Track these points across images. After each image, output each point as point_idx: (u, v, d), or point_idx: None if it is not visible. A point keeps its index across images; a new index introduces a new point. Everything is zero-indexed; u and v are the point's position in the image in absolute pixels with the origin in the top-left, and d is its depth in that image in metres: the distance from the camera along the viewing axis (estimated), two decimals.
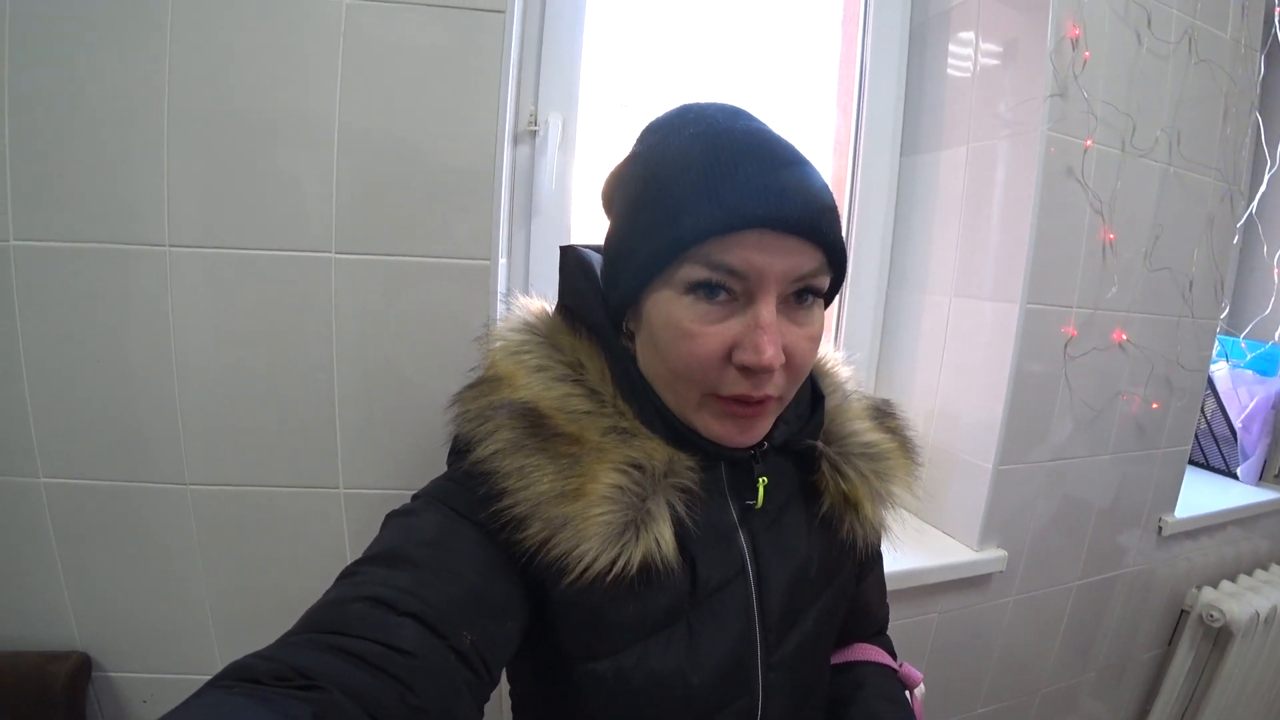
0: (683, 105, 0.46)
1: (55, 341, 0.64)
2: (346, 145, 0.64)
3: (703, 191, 0.38)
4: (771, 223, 0.38)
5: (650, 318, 0.42)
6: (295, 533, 0.70)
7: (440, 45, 0.64)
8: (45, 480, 0.66)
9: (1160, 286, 1.01)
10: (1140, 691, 1.29)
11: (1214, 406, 1.37)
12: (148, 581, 0.69)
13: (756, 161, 0.39)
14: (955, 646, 0.99)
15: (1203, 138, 1.01)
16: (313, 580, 0.68)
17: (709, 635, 0.44)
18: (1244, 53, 1.03)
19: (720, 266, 0.38)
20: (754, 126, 0.42)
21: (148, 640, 0.71)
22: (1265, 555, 1.34)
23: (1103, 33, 0.89)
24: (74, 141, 0.61)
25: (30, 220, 0.62)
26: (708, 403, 0.42)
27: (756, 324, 0.39)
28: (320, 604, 0.35)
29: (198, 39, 0.61)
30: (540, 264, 0.90)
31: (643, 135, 0.47)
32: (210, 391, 0.66)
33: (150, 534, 0.68)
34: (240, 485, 0.69)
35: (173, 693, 0.72)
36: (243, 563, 0.70)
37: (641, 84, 0.99)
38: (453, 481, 0.44)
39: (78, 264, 0.63)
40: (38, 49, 0.60)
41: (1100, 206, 0.92)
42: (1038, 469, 0.96)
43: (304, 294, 0.66)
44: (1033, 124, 0.87)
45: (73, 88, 0.60)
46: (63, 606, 0.69)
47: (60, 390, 0.65)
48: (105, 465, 0.67)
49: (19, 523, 0.66)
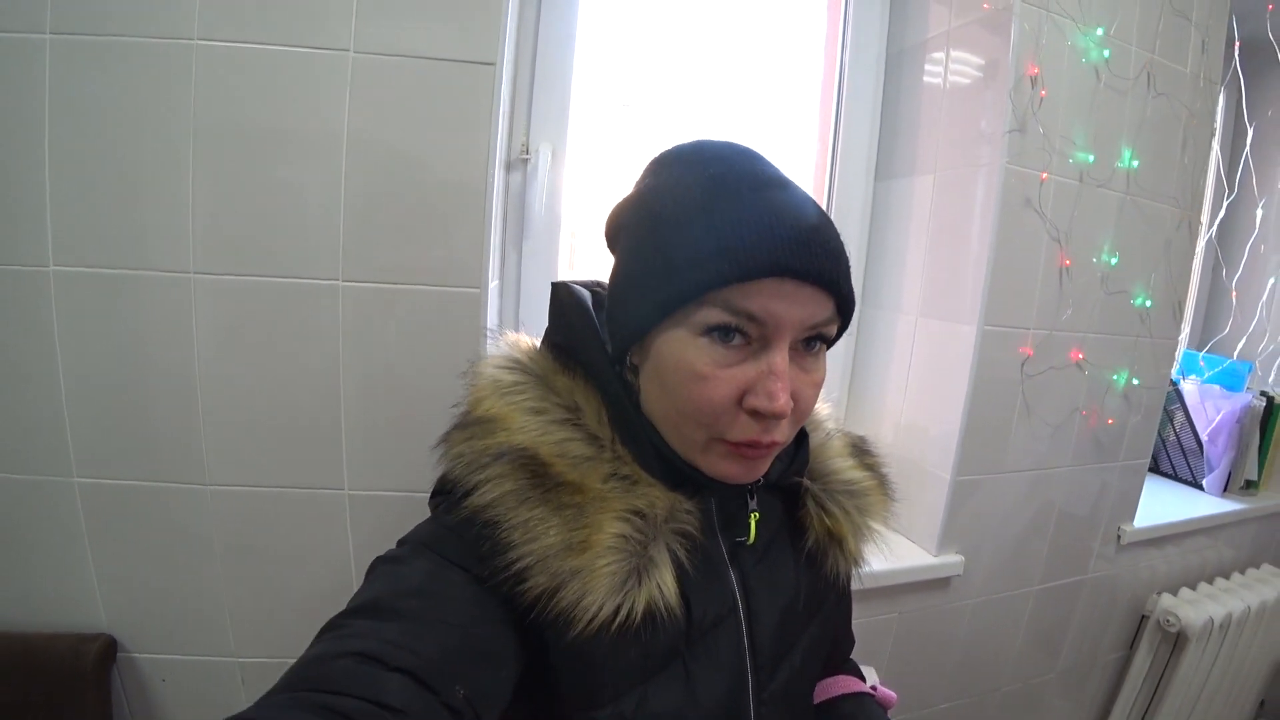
0: (696, 143, 0.45)
1: (89, 358, 0.71)
2: (351, 187, 0.71)
3: (726, 236, 0.37)
4: (794, 273, 0.38)
5: (660, 356, 0.41)
6: (303, 529, 0.77)
7: (438, 93, 0.70)
8: (79, 480, 0.73)
9: (1118, 309, 1.07)
10: (1104, 693, 1.34)
11: (1183, 420, 1.42)
12: (168, 572, 0.76)
13: (780, 209, 0.39)
14: (916, 645, 1.05)
15: (1161, 168, 1.07)
16: (318, 572, 0.76)
17: (704, 674, 0.44)
18: (1203, 86, 1.08)
19: (740, 312, 0.38)
20: (773, 173, 0.42)
21: (168, 625, 0.78)
22: (1228, 564, 1.39)
23: (1061, 70, 0.94)
24: (106, 177, 0.68)
25: (67, 248, 0.69)
26: (714, 446, 0.42)
27: (770, 370, 0.39)
28: (305, 660, 0.33)
29: (219, 123, 0.68)
30: (531, 284, 0.97)
31: (654, 169, 0.46)
32: (227, 402, 0.73)
33: (171, 529, 0.75)
34: (254, 486, 0.75)
35: (189, 673, 0.79)
36: (255, 556, 0.77)
37: (632, 106, 1.05)
38: (444, 528, 0.42)
39: (110, 288, 0.70)
40: (75, 95, 0.67)
41: (1058, 234, 0.98)
42: (995, 480, 1.02)
43: (313, 317, 0.72)
44: (993, 157, 0.93)
45: (107, 130, 0.67)
46: (92, 593, 0.76)
47: (93, 400, 0.72)
48: (132, 467, 0.73)
49: (55, 518, 0.73)
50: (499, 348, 0.49)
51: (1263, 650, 1.35)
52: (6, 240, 0.68)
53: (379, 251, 0.72)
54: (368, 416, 0.75)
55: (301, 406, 0.74)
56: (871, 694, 0.62)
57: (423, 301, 0.74)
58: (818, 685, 0.60)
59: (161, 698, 0.79)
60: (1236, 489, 1.40)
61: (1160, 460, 1.49)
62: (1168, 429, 1.45)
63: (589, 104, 1.00)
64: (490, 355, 0.49)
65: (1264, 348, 1.39)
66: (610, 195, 0.48)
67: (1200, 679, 1.25)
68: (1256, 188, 1.29)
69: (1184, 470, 1.44)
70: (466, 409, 0.46)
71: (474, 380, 0.48)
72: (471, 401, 0.46)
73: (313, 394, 0.74)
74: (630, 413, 0.44)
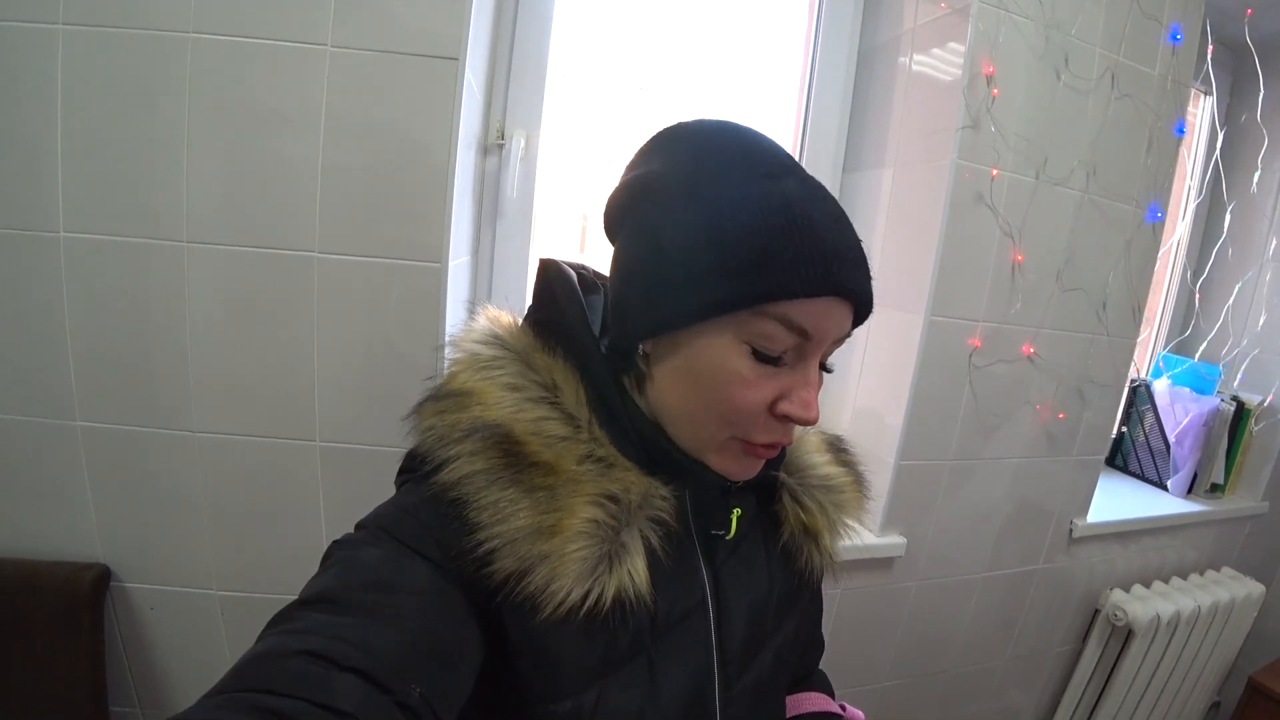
0: (725, 126, 0.44)
1: (93, 315, 0.78)
2: (328, 168, 0.77)
3: (793, 249, 0.36)
4: (854, 295, 0.39)
5: (697, 355, 0.40)
6: (279, 475, 0.84)
7: (407, 85, 0.76)
8: (81, 423, 0.81)
9: (1073, 305, 1.10)
10: (1056, 683, 1.37)
11: (1153, 421, 1.43)
12: (158, 510, 0.84)
13: (837, 225, 0.39)
14: (859, 622, 1.10)
15: (1124, 168, 1.09)
16: (290, 515, 0.84)
17: (668, 669, 0.43)
18: (1171, 88, 1.10)
19: (795, 327, 0.38)
20: (815, 181, 0.41)
21: (157, 558, 0.86)
22: (1188, 565, 1.41)
23: (1018, 69, 0.97)
24: (111, 154, 0.75)
25: (76, 217, 0.76)
26: (731, 444, 0.42)
27: (806, 380, 0.40)
28: (252, 656, 0.31)
29: (211, 108, 0.75)
30: (504, 262, 1.04)
31: (672, 149, 0.43)
32: (214, 357, 0.81)
33: (162, 471, 0.83)
34: (236, 434, 0.83)
35: (174, 603, 0.87)
36: (235, 497, 0.85)
37: (610, 99, 1.11)
38: (404, 509, 0.41)
39: (113, 253, 0.77)
40: (83, 79, 0.74)
41: (1010, 230, 1.01)
42: (940, 466, 1.06)
43: (292, 284, 0.79)
44: (944, 152, 0.96)
45: (112, 111, 0.75)
46: (90, 526, 0.84)
47: (96, 354, 0.79)
48: (129, 414, 0.81)
49: (58, 457, 0.82)
50: (479, 322, 0.47)
51: (1217, 651, 1.37)
52: (22, 209, 0.76)
53: (352, 228, 0.79)
54: (337, 376, 0.82)
55: (279, 365, 0.81)
56: (840, 714, 0.61)
57: (390, 274, 0.80)
58: (787, 700, 0.59)
59: (150, 623, 0.88)
60: (1202, 491, 1.41)
61: (1129, 460, 1.51)
62: (1138, 429, 1.47)
63: (568, 91, 1.05)
64: (470, 329, 0.47)
65: (1227, 351, 1.39)
66: (589, 180, 0.43)
67: (1146, 675, 1.27)
68: (1225, 192, 1.29)
69: (1150, 470, 1.46)
70: (441, 382, 0.45)
71: (452, 353, 0.46)
72: (448, 375, 0.45)
73: (289, 354, 0.81)
74: (613, 395, 0.43)
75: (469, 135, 0.87)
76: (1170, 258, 1.48)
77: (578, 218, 1.16)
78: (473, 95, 0.86)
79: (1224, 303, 1.40)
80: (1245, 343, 1.38)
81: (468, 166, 0.89)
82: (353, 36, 0.75)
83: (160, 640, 0.88)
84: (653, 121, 0.48)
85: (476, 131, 0.94)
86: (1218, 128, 1.28)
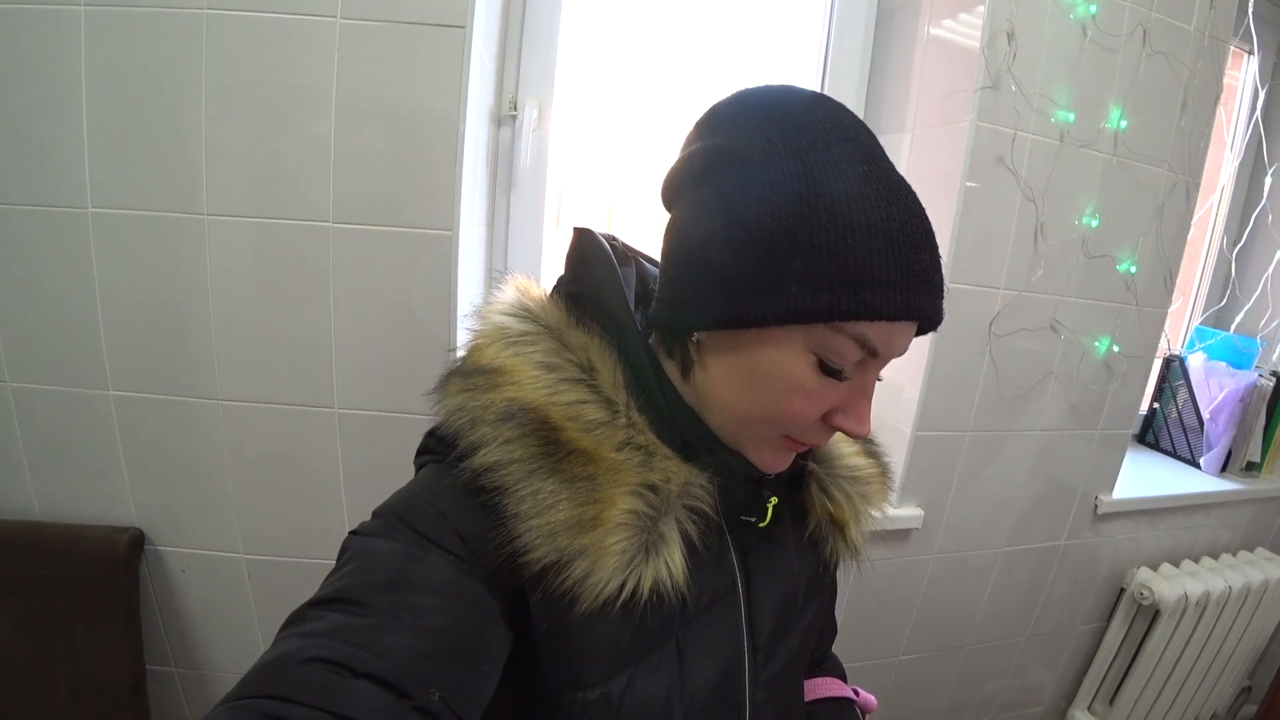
0: (818, 101, 0.39)
1: (122, 289, 0.81)
2: (340, 139, 0.78)
3: (892, 271, 0.34)
4: (930, 321, 0.38)
5: (761, 356, 0.38)
6: (299, 441, 0.86)
7: (415, 53, 0.77)
8: (114, 393, 0.84)
9: (1100, 273, 1.06)
10: (1079, 662, 1.35)
11: (1186, 396, 1.38)
12: (187, 475, 0.87)
13: (928, 244, 0.37)
14: (874, 594, 1.09)
15: (1156, 129, 1.04)
16: (311, 481, 0.86)
17: (698, 656, 0.43)
18: (1208, 44, 1.05)
19: (868, 346, 0.37)
20: (901, 178, 0.39)
21: (188, 522, 0.89)
22: (1221, 545, 1.36)
23: (1042, 26, 0.93)
24: (134, 131, 0.77)
25: (103, 193, 0.78)
26: (776, 441, 0.42)
27: (863, 395, 0.40)
28: (269, 660, 0.31)
29: (227, 83, 0.77)
30: (518, 233, 1.04)
31: (758, 121, 0.38)
32: (236, 327, 0.83)
33: (190, 438, 0.86)
34: (259, 402, 0.85)
35: (205, 565, 0.91)
36: (259, 463, 0.87)
37: (622, 70, 1.10)
38: (421, 498, 0.40)
39: (139, 228, 0.79)
40: (106, 59, 0.76)
41: (1032, 194, 0.98)
42: (959, 438, 1.04)
43: (308, 254, 0.81)
44: (963, 114, 0.93)
45: (133, 90, 0.76)
46: (124, 491, 0.88)
47: (126, 326, 0.82)
48: (158, 383, 0.84)
49: (93, 425, 0.85)
50: (505, 293, 0.45)
51: (1248, 634, 1.33)
52: (51, 186, 0.78)
53: (364, 197, 0.80)
54: (354, 344, 0.84)
55: (298, 334, 0.83)
56: (854, 699, 0.62)
57: (402, 242, 0.81)
58: None
59: (182, 585, 0.92)
60: (1237, 469, 1.36)
61: (1160, 437, 1.46)
62: (1170, 405, 1.42)
63: (585, 63, 1.05)
64: (495, 300, 0.45)
65: (1265, 323, 1.33)
66: (596, 151, 0.40)
67: (1173, 656, 1.24)
68: (1267, 155, 1.22)
69: (1183, 448, 1.41)
70: (465, 355, 0.43)
71: (478, 324, 0.44)
72: (472, 348, 0.43)
73: (307, 323, 0.83)
74: (651, 379, 0.42)
75: (479, 104, 0.87)
76: (1208, 225, 1.42)
77: (604, 196, 1.16)
78: (482, 64, 0.86)
79: (1263, 272, 1.33)
80: (1269, 312, 1.31)
81: (479, 136, 0.89)
82: (361, 7, 0.76)
83: (192, 601, 0.92)
84: (670, 89, 0.43)
85: (489, 101, 0.94)
86: (1259, 87, 1.22)
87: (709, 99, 0.43)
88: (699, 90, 1.10)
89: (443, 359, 0.44)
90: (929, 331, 0.40)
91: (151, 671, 0.92)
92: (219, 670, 0.95)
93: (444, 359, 0.44)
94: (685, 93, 1.10)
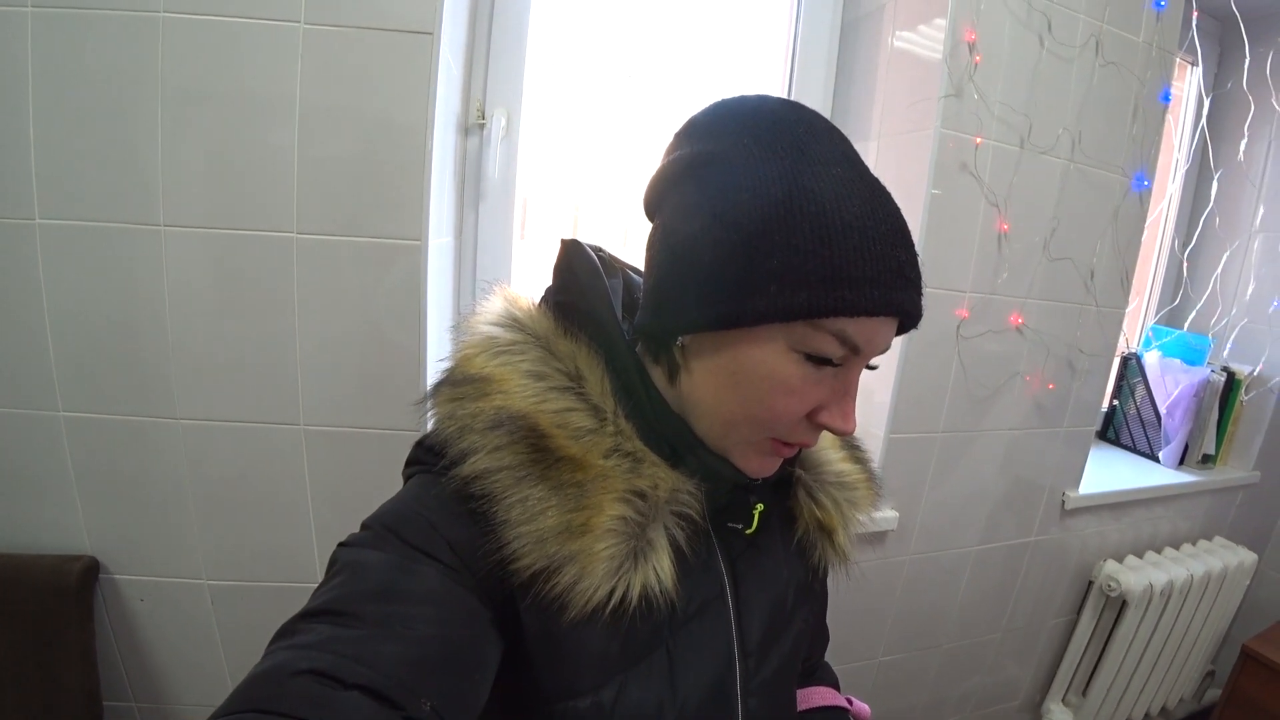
0: (788, 107, 0.40)
1: (72, 303, 0.77)
2: (304, 147, 0.76)
3: (868, 268, 0.35)
4: (910, 318, 0.39)
5: (744, 357, 0.38)
6: (264, 460, 0.83)
7: (382, 60, 0.75)
8: (64, 414, 0.80)
9: (1061, 275, 1.09)
10: (1052, 655, 1.38)
11: (1144, 393, 1.43)
12: (145, 499, 0.84)
13: (903, 241, 0.37)
14: (852, 597, 1.09)
15: (1110, 136, 1.08)
16: (277, 500, 0.83)
17: (689, 663, 0.43)
18: (1156, 55, 1.09)
19: (849, 343, 0.37)
20: (875, 178, 0.39)
21: (145, 548, 0.85)
22: (1181, 535, 1.41)
23: (1002, 36, 0.96)
24: (84, 138, 0.74)
25: (51, 203, 0.75)
26: (761, 444, 0.42)
27: (847, 392, 0.40)
28: (257, 674, 0.31)
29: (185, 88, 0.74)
30: (487, 243, 1.03)
31: (733, 128, 0.40)
32: (197, 342, 0.80)
33: (148, 459, 0.82)
34: (220, 420, 0.82)
35: (164, 593, 0.87)
36: (221, 484, 0.84)
37: (588, 81, 1.09)
38: (410, 508, 0.40)
39: (90, 239, 0.76)
40: (54, 63, 0.73)
41: (995, 199, 1.00)
42: (930, 439, 1.06)
43: (271, 266, 0.78)
44: (927, 121, 0.95)
45: (84, 95, 0.73)
46: (76, 518, 0.83)
47: (77, 342, 0.79)
48: (112, 402, 0.80)
49: (42, 448, 0.81)
50: (493, 303, 0.46)
51: (1210, 620, 1.38)
52: None
53: (329, 207, 0.78)
54: (320, 358, 0.82)
55: (261, 348, 0.81)
56: (847, 707, 0.62)
57: (369, 253, 0.79)
58: (797, 694, 0.59)
59: (140, 615, 0.87)
60: (1194, 462, 1.41)
61: (1121, 433, 1.51)
62: (1129, 402, 1.47)
63: (553, 75, 1.04)
64: (482, 310, 0.45)
65: (1216, 321, 1.39)
66: (562, 162, 0.41)
67: (1141, 644, 1.28)
68: (1212, 161, 1.29)
69: (1143, 443, 1.46)
70: (453, 365, 0.43)
71: (464, 335, 0.44)
72: (460, 358, 0.43)
73: (271, 336, 0.80)
74: (638, 386, 0.42)
75: (447, 112, 0.86)
76: (1159, 227, 1.48)
77: (569, 208, 1.16)
78: (450, 72, 0.85)
79: (1213, 272, 1.40)
80: (1235, 312, 1.38)
81: (447, 144, 0.88)
82: (326, 13, 0.74)
83: (152, 632, 0.88)
84: (636, 100, 0.45)
85: (456, 110, 0.93)
86: (1204, 96, 1.28)
87: (675, 110, 0.44)
88: (665, 101, 1.10)
89: (413, 371, 0.44)
90: (910, 329, 0.41)
91: (110, 708, 0.88)
92: (183, 703, 0.91)
93: (414, 371, 0.44)
94: (651, 104, 1.10)
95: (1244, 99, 1.29)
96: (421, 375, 0.81)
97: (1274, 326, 1.36)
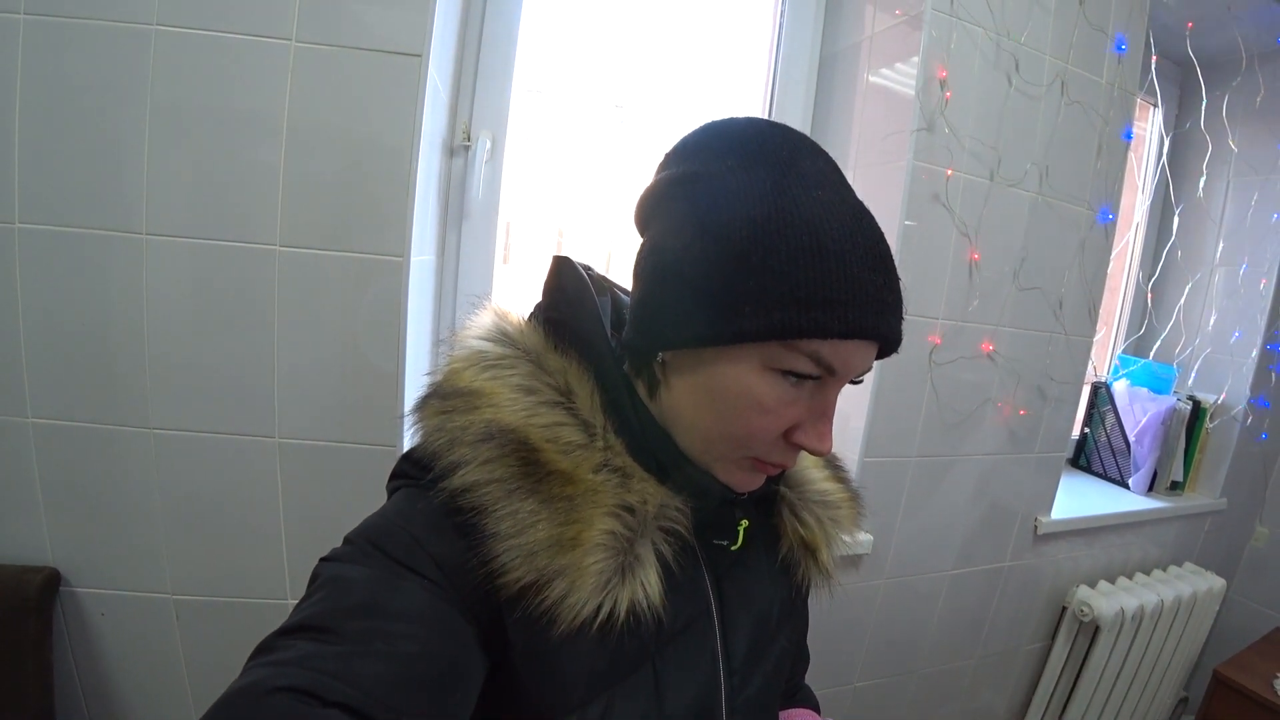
0: (775, 130, 0.41)
1: (48, 309, 0.77)
2: (290, 162, 0.77)
3: (843, 291, 0.35)
4: (888, 341, 0.39)
5: (720, 375, 0.39)
6: (236, 472, 0.82)
7: (370, 80, 0.77)
8: (33, 420, 0.79)
9: (1031, 304, 1.13)
10: (1027, 681, 1.38)
11: (1113, 421, 1.46)
12: (111, 509, 0.82)
13: (884, 265, 0.38)
14: (827, 621, 1.09)
15: (1075, 171, 1.13)
16: (249, 514, 0.82)
17: (674, 680, 0.43)
18: (1118, 95, 1.15)
19: (824, 364, 0.37)
20: (859, 202, 0.40)
21: (109, 561, 0.83)
22: (1151, 560, 1.43)
23: (972, 74, 1.01)
24: (70, 145, 0.75)
25: (33, 208, 0.75)
26: (741, 461, 0.42)
27: (824, 413, 0.40)
28: (234, 691, 0.30)
29: (174, 100, 0.75)
30: (469, 262, 1.04)
31: (721, 149, 0.41)
32: (172, 352, 0.79)
33: (116, 469, 0.81)
34: (194, 431, 0.81)
35: (127, 607, 0.84)
36: (191, 496, 0.83)
37: (577, 105, 1.12)
38: (394, 522, 0.39)
39: (70, 245, 0.76)
40: (44, 70, 0.74)
41: (966, 229, 1.04)
42: (904, 463, 1.07)
43: (252, 278, 0.79)
44: (900, 154, 0.99)
45: (72, 103, 0.74)
46: (39, 527, 0.81)
47: (49, 347, 0.78)
48: (83, 410, 0.79)
49: (8, 455, 0.79)
50: (483, 318, 0.46)
51: (1182, 645, 1.39)
52: None
53: (313, 221, 0.79)
54: (297, 371, 0.82)
55: (238, 359, 0.80)
56: None
57: (351, 267, 0.80)
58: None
59: (100, 630, 0.85)
60: (1162, 489, 1.44)
61: (1092, 460, 1.54)
62: (1100, 430, 1.50)
63: (537, 101, 1.07)
64: (472, 325, 0.46)
65: (1180, 350, 1.44)
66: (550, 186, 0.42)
67: (1114, 670, 1.29)
68: (1173, 196, 1.35)
69: (1113, 469, 1.49)
70: (441, 379, 0.43)
71: (453, 349, 0.45)
72: (449, 371, 0.43)
73: (248, 348, 0.80)
74: (626, 401, 0.42)
75: (433, 133, 0.87)
76: (1125, 260, 1.53)
77: (553, 232, 1.18)
78: (437, 93, 0.87)
79: (1176, 303, 1.45)
80: (1198, 341, 1.42)
81: (432, 164, 0.90)
82: (316, 31, 0.76)
83: (112, 648, 0.86)
84: (619, 127, 0.46)
85: (442, 130, 0.95)
86: (1164, 136, 1.34)
87: (658, 138, 0.45)
88: (648, 129, 1.13)
89: (390, 386, 0.44)
90: (891, 353, 0.41)
91: None
92: None
93: (392, 386, 0.43)
94: (634, 132, 1.13)
95: (1202, 139, 1.35)
96: (399, 390, 0.81)
97: (1236, 356, 1.41)
